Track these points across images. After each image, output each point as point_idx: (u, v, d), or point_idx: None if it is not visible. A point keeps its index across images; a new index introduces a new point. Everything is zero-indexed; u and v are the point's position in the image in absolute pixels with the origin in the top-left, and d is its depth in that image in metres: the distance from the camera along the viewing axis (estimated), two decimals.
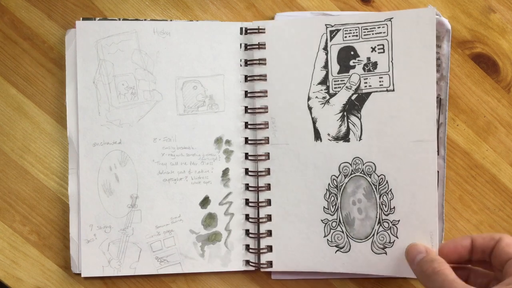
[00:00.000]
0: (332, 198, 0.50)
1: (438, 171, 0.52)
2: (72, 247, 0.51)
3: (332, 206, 0.50)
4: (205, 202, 0.52)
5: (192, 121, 0.51)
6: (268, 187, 0.51)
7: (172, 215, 0.51)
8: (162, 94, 0.51)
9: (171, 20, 0.52)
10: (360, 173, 0.50)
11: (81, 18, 0.51)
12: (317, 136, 0.50)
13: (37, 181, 0.52)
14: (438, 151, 0.52)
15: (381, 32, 0.49)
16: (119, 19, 0.51)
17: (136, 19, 0.52)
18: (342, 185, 0.50)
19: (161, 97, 0.51)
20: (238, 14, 0.53)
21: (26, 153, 0.52)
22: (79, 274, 0.51)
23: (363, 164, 0.50)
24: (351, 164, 0.50)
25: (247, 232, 0.52)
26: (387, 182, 0.50)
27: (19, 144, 0.52)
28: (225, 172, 0.52)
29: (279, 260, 0.51)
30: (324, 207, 0.51)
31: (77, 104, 0.51)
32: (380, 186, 0.50)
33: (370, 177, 0.50)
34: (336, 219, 0.50)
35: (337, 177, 0.50)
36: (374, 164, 0.50)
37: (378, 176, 0.50)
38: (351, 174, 0.50)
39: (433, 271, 0.40)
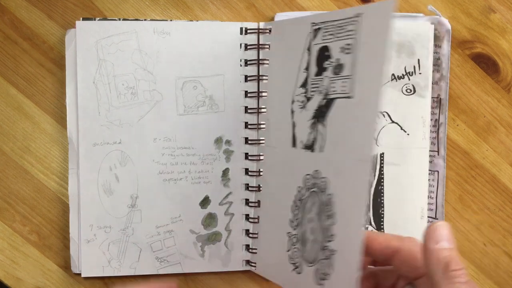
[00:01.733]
0: (296, 212, 0.44)
1: (438, 171, 0.52)
2: (72, 247, 0.51)
3: (296, 220, 0.44)
4: (205, 202, 0.52)
5: (192, 121, 0.51)
6: (259, 188, 0.51)
7: (172, 215, 0.51)
8: (162, 94, 0.51)
9: (171, 20, 0.52)
10: (317, 188, 0.41)
11: (81, 18, 0.51)
12: (294, 142, 0.45)
13: (37, 181, 0.52)
14: (438, 151, 0.52)
15: (351, 30, 0.39)
16: (119, 19, 0.51)
17: (136, 19, 0.52)
18: (303, 199, 0.43)
19: (161, 97, 0.51)
20: (238, 14, 0.53)
21: (26, 153, 0.52)
22: (79, 274, 0.51)
23: (320, 179, 0.41)
24: (312, 177, 0.42)
25: (247, 232, 0.52)
26: (333, 203, 0.39)
27: (19, 144, 0.52)
28: (225, 172, 0.52)
29: (260, 264, 0.49)
30: (289, 219, 0.45)
31: (77, 104, 0.51)
32: (326, 207, 0.40)
33: (323, 195, 0.41)
34: (297, 235, 0.44)
35: (301, 190, 0.43)
36: (328, 180, 0.40)
37: (328, 195, 0.40)
38: (311, 187, 0.42)
39: None
